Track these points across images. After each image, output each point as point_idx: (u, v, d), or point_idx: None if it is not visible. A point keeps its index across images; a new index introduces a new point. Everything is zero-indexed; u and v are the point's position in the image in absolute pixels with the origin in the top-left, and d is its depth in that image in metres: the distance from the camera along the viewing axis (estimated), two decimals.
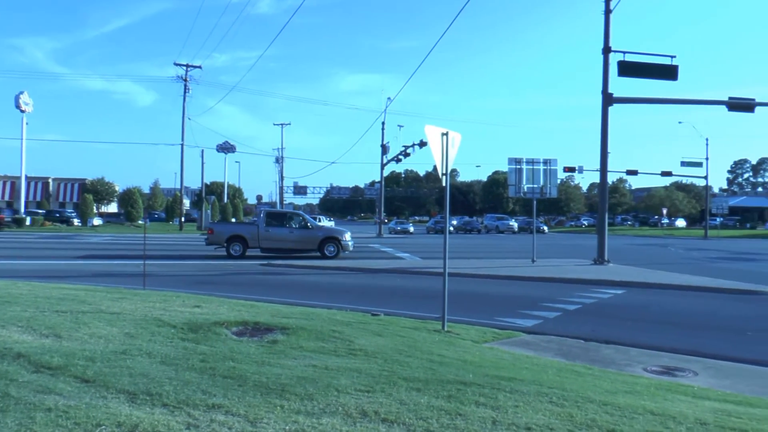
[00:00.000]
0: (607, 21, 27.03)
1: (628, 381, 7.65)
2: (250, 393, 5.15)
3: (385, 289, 18.13)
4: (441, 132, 11.02)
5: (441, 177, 11.17)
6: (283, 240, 28.51)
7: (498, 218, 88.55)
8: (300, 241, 28.65)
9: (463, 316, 12.59)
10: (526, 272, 22.42)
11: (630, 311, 14.86)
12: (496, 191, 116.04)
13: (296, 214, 30.80)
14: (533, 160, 27.29)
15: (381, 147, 61.25)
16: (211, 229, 29.67)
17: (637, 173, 78.26)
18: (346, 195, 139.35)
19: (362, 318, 11.29)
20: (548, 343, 10.69)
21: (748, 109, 28.95)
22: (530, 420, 4.77)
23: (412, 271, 23.29)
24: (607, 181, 29.30)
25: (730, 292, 18.60)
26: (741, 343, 11.27)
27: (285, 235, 28.55)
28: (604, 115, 27.07)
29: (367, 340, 8.57)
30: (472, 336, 10.48)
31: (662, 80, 26.81)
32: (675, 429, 4.85)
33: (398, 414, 4.71)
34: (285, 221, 29.26)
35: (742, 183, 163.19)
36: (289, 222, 29.24)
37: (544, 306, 14.71)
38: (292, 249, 28.67)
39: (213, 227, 30.34)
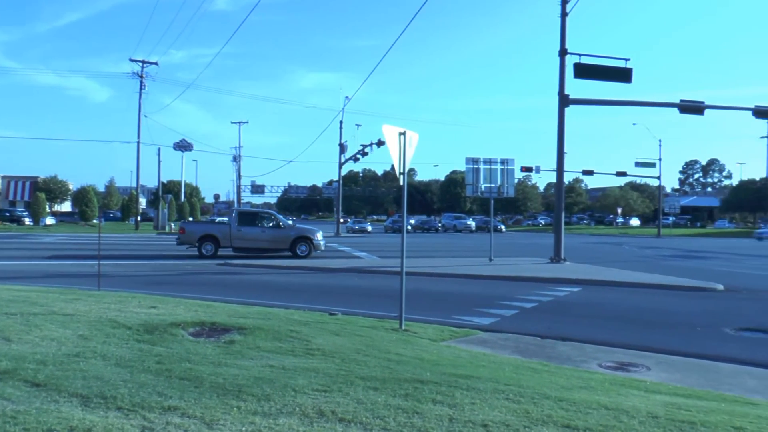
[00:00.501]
0: (563, 24, 27.38)
1: (583, 377, 7.76)
2: (207, 394, 5.10)
3: (343, 289, 18.12)
4: (398, 131, 11.05)
5: (398, 176, 11.21)
6: (256, 239, 28.39)
7: (456, 217, 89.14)
8: (272, 241, 28.57)
9: (421, 314, 12.63)
10: (483, 271, 22.60)
11: (585, 308, 15.08)
12: (454, 190, 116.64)
13: (269, 214, 30.68)
14: (490, 159, 27.52)
15: (339, 146, 61.25)
16: (183, 229, 29.50)
17: (593, 173, 79.52)
18: (303, 194, 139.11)
19: (320, 317, 11.26)
20: (505, 340, 10.79)
21: (698, 111, 29.68)
22: (487, 417, 4.81)
23: (370, 270, 23.30)
24: (563, 180, 29.70)
25: (681, 289, 19.01)
26: (691, 339, 11.52)
27: (257, 235, 28.43)
28: (561, 116, 27.43)
29: (325, 340, 8.55)
30: (429, 334, 10.53)
31: (617, 82, 27.26)
32: (628, 423, 4.94)
33: (355, 413, 4.72)
34: (257, 221, 29.14)
35: (692, 183, 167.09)
36: (261, 221, 29.13)
37: (501, 304, 14.84)
38: (264, 248, 28.57)
39: (185, 227, 30.22)
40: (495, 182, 27.37)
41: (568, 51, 27.16)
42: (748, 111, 31.34)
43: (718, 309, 15.23)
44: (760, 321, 13.36)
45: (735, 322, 13.13)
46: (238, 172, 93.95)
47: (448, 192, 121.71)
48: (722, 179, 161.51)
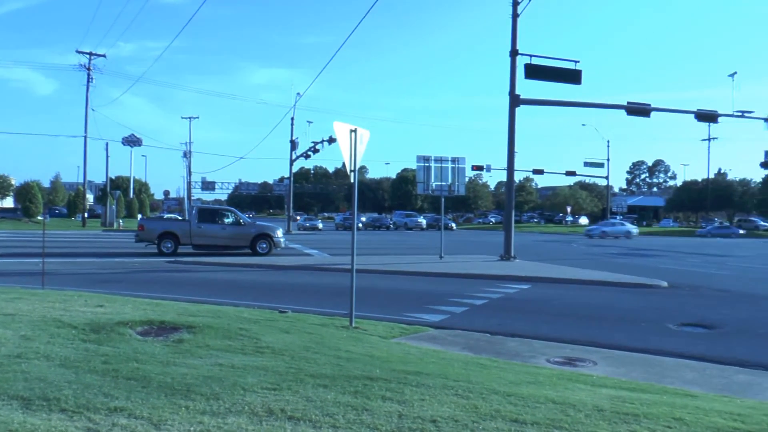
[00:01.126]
0: (514, 25, 27.67)
1: (531, 372, 7.88)
2: (155, 394, 5.04)
3: (293, 286, 18.04)
4: (349, 129, 11.06)
5: (349, 174, 11.23)
6: (216, 237, 28.14)
7: (407, 215, 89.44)
8: (233, 238, 28.35)
9: (372, 312, 12.67)
10: (434, 268, 22.74)
11: (534, 305, 15.30)
12: (405, 188, 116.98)
13: (229, 211, 30.37)
14: (441, 158, 27.68)
15: (290, 143, 60.89)
16: (142, 226, 29.03)
17: (543, 172, 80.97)
18: (254, 191, 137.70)
19: (270, 315, 11.21)
20: (455, 337, 10.89)
21: (645, 113, 30.62)
22: (436, 413, 4.86)
23: (321, 267, 23.25)
24: (513, 179, 30.06)
25: (627, 286, 19.42)
26: (636, 334, 11.79)
27: (217, 232, 28.18)
28: (511, 115, 27.74)
29: (275, 338, 8.52)
30: (379, 332, 10.57)
31: (567, 84, 27.72)
32: (575, 416, 5.04)
33: (305, 411, 4.72)
34: (218, 218, 28.88)
35: (639, 183, 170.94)
36: (221, 218, 28.87)
37: (451, 301, 14.96)
38: (224, 246, 28.31)
39: (144, 224, 29.75)
40: (446, 180, 27.54)
41: (519, 52, 27.48)
42: (692, 114, 32.27)
43: (661, 305, 15.58)
44: (700, 316, 13.74)
45: (677, 317, 13.47)
46: (189, 168, 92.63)
47: (400, 190, 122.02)
48: (667, 179, 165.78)
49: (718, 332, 12.12)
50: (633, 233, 62.76)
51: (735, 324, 12.95)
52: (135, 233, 29.57)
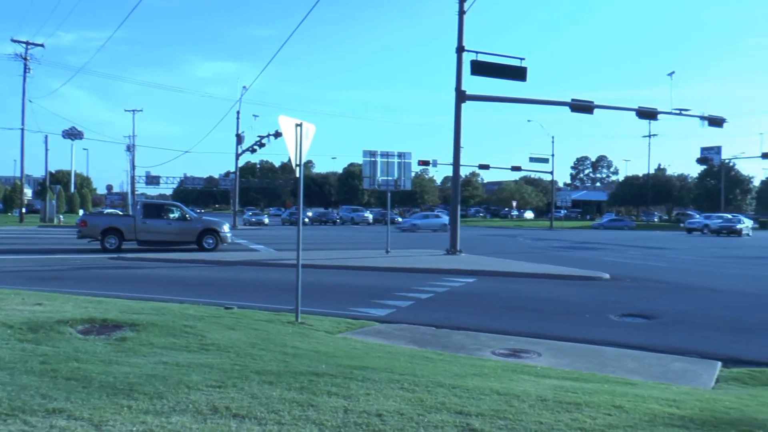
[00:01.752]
0: (460, 21, 27.81)
1: (477, 364, 7.97)
2: (96, 394, 4.94)
3: (239, 282, 17.89)
4: (295, 123, 11.00)
5: (295, 168, 11.16)
6: (162, 232, 27.67)
7: (353, 210, 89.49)
8: (179, 234, 27.94)
9: (318, 307, 12.65)
10: (380, 263, 22.79)
11: (480, 298, 15.46)
12: (352, 183, 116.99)
13: (175, 206, 29.81)
14: (388, 153, 27.73)
15: (236, 137, 60.12)
16: (85, 221, 28.30)
17: (488, 167, 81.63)
18: (200, 185, 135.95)
19: (215, 312, 11.10)
20: (401, 331, 10.94)
21: (588, 110, 31.31)
22: (381, 407, 4.88)
23: (267, 263, 23.10)
24: (459, 174, 30.26)
25: (571, 278, 19.78)
26: (579, 325, 12.03)
27: (163, 228, 27.70)
28: (458, 111, 27.90)
29: (220, 335, 8.45)
30: (326, 327, 10.55)
31: (513, 80, 28.01)
32: (519, 406, 5.12)
33: (250, 408, 4.69)
34: (163, 213, 28.34)
35: (583, 178, 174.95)
36: (167, 214, 28.35)
37: (397, 295, 15.02)
38: (170, 242, 27.87)
39: (87, 219, 29.02)
40: (392, 175, 27.60)
41: (465, 48, 27.62)
42: (633, 111, 33.02)
43: (604, 297, 15.92)
44: (641, 307, 14.08)
45: (619, 308, 13.78)
46: (132, 162, 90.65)
47: (346, 184, 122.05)
48: (610, 175, 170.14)
49: (657, 322, 12.44)
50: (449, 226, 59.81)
51: (673, 314, 13.31)
52: (77, 229, 28.86)
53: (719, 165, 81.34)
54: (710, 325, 12.38)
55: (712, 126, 35.65)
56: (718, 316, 13.36)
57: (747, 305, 14.92)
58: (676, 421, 4.96)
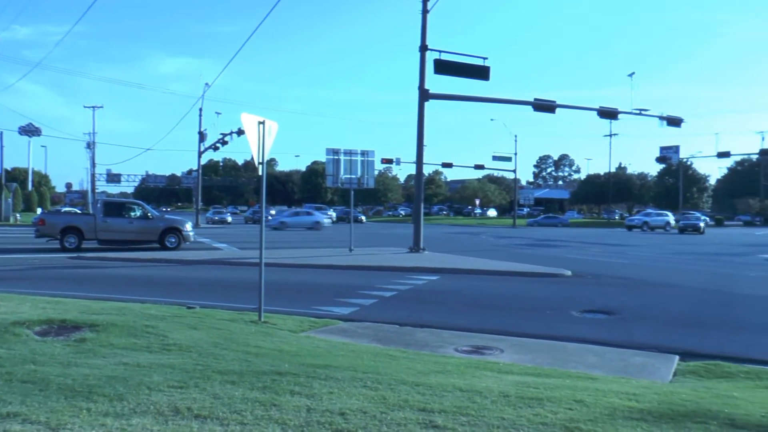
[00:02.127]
0: (424, 20, 27.89)
1: (440, 361, 8.01)
2: (53, 397, 4.84)
3: (202, 281, 17.75)
4: (258, 120, 10.93)
5: (257, 166, 11.09)
6: (123, 231, 27.28)
7: (317, 208, 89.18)
8: (140, 232, 27.55)
9: (281, 306, 12.59)
10: (343, 261, 22.77)
11: (443, 296, 15.53)
12: (315, 181, 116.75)
13: (136, 204, 29.38)
14: (351, 151, 27.70)
15: (198, 134, 59.60)
16: (43, 220, 27.85)
17: (452, 166, 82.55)
18: (162, 183, 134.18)
19: (177, 311, 10.98)
20: (364, 329, 10.93)
21: (551, 110, 31.66)
22: (344, 405, 4.88)
23: (230, 261, 22.94)
24: (423, 172, 30.40)
25: (533, 275, 19.97)
26: (541, 321, 12.16)
27: (124, 226, 27.31)
28: (421, 109, 28.00)
29: (182, 334, 8.37)
30: (289, 326, 10.50)
31: (476, 80, 28.16)
32: (481, 403, 5.16)
33: (212, 409, 4.65)
34: (124, 211, 27.93)
35: (545, 177, 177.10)
36: (128, 212, 27.93)
37: (361, 294, 15.01)
38: (132, 240, 27.53)
39: (45, 218, 28.61)
40: (355, 173, 27.59)
41: (428, 47, 27.70)
42: (594, 111, 33.46)
43: (565, 293, 16.10)
44: (601, 303, 14.26)
45: (580, 305, 13.94)
46: (93, 160, 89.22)
47: (310, 182, 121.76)
48: (572, 173, 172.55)
49: (617, 318, 12.63)
50: (323, 223, 55.91)
51: (633, 310, 13.52)
52: (35, 228, 28.35)
53: (677, 164, 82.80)
54: (668, 320, 12.61)
55: (670, 126, 36.30)
56: (676, 312, 13.60)
57: (703, 301, 15.20)
58: (635, 415, 5.05)
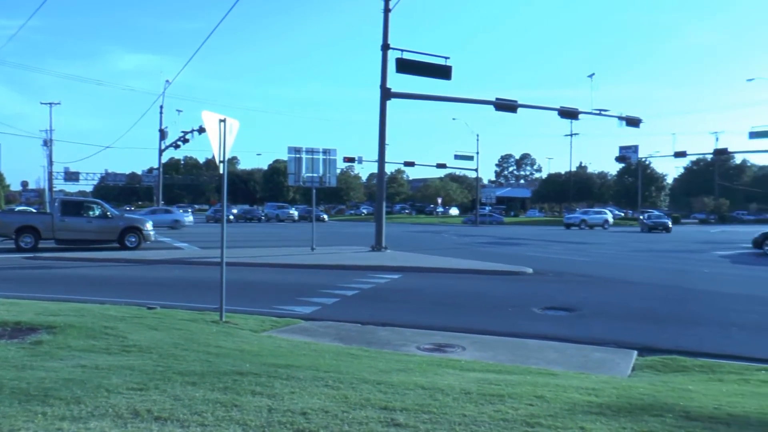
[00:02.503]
0: (386, 19, 27.92)
1: (402, 360, 8.03)
2: (7, 402, 4.71)
3: (162, 281, 17.55)
4: (219, 118, 10.84)
5: (219, 164, 11.00)
6: (81, 230, 26.77)
7: (279, 207, 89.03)
8: (99, 232, 27.13)
9: (243, 305, 12.51)
10: (305, 260, 22.70)
11: (406, 294, 15.57)
12: (277, 180, 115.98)
13: (95, 203, 28.89)
14: (313, 149, 27.60)
15: (159, 132, 58.77)
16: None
17: (414, 165, 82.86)
18: (122, 182, 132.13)
19: (137, 312, 10.85)
20: (326, 328, 10.91)
21: (512, 109, 31.94)
22: (306, 405, 4.86)
23: (191, 261, 22.74)
24: (385, 171, 30.43)
25: (495, 273, 20.12)
26: (503, 319, 12.27)
27: (83, 226, 26.81)
28: (383, 108, 28.04)
29: (142, 335, 8.27)
30: (250, 325, 10.45)
31: (438, 79, 28.25)
32: (443, 400, 5.19)
33: (172, 410, 4.59)
34: (83, 210, 27.45)
35: (507, 175, 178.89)
36: (87, 211, 27.46)
37: (323, 293, 14.97)
38: (91, 240, 27.06)
39: (0, 217, 27.78)
40: (317, 172, 27.50)
41: (390, 46, 27.74)
42: (555, 111, 33.83)
43: (527, 291, 16.25)
44: (562, 300, 14.43)
45: (541, 302, 14.09)
46: (50, 158, 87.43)
47: (272, 181, 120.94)
48: (533, 172, 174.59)
49: (578, 314, 12.79)
50: (183, 222, 52.86)
51: (593, 306, 13.71)
52: None
53: (636, 163, 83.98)
54: (627, 316, 12.82)
55: (629, 126, 36.90)
56: (634, 308, 13.82)
57: (661, 297, 15.46)
58: (594, 409, 5.13)
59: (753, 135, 54.97)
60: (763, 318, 12.68)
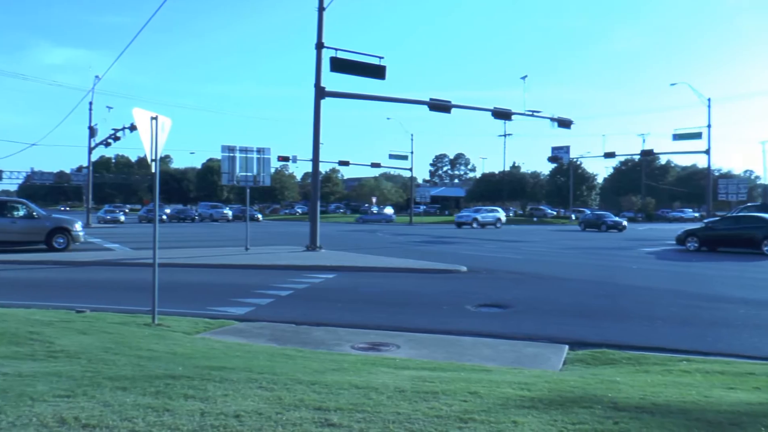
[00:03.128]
0: (320, 17, 27.83)
1: (336, 359, 8.02)
2: None
3: (93, 283, 17.12)
4: (150, 116, 10.65)
5: (150, 163, 10.81)
6: (5, 231, 25.67)
7: (212, 206, 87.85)
8: (25, 233, 26.10)
9: (176, 307, 12.32)
10: (240, 260, 22.48)
11: (340, 294, 15.55)
12: (211, 179, 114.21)
13: (20, 203, 27.77)
14: (247, 148, 27.36)
15: (89, 129, 57.26)
16: None
17: (349, 164, 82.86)
18: (50, 181, 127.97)
19: (66, 316, 10.57)
20: (261, 329, 10.83)
21: (446, 110, 32.27)
22: (239, 407, 4.81)
23: (123, 262, 22.26)
24: (319, 170, 30.36)
25: (430, 272, 20.28)
26: (438, 317, 12.38)
27: (7, 227, 25.71)
28: (317, 107, 27.96)
29: (71, 340, 8.05)
30: (184, 327, 10.30)
31: (372, 78, 28.29)
32: (377, 399, 5.20)
33: (101, 417, 4.47)
34: (6, 211, 26.31)
35: (441, 175, 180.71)
36: (11, 211, 26.33)
37: (257, 293, 14.86)
38: (15, 241, 26.04)
39: None
40: (251, 171, 27.26)
41: (324, 45, 27.67)
42: (489, 111, 34.31)
43: (461, 289, 16.43)
44: (496, 297, 14.66)
45: (475, 299, 14.28)
46: None
47: (206, 180, 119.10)
48: (467, 172, 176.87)
49: (511, 311, 13.01)
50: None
51: (526, 303, 13.96)
52: None
53: (568, 163, 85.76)
54: (559, 311, 13.10)
55: (561, 127, 37.80)
56: (565, 303, 14.13)
57: (591, 292, 15.85)
58: (527, 403, 5.22)
59: (676, 137, 57.02)
60: (685, 311, 13.14)
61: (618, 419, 4.75)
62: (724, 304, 13.96)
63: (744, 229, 29.43)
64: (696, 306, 13.76)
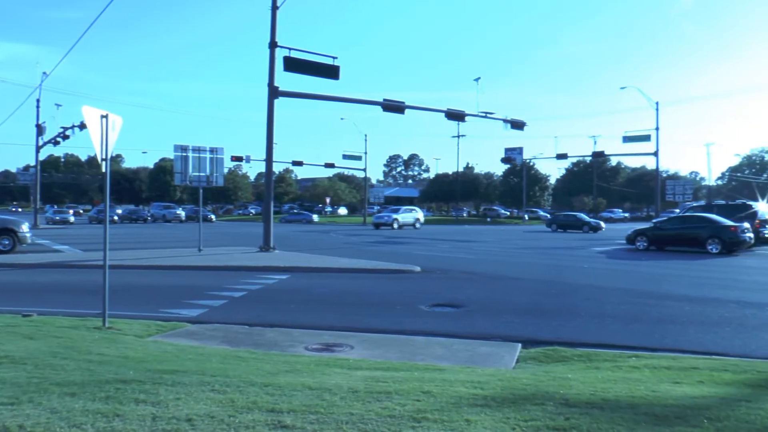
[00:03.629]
0: (273, 17, 27.68)
1: (290, 361, 8.00)
2: None
3: (40, 286, 16.74)
4: (101, 114, 10.47)
5: (101, 163, 10.62)
6: None
7: (165, 207, 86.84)
8: None
9: (127, 310, 12.14)
10: (192, 261, 22.25)
11: (294, 295, 15.49)
12: (164, 179, 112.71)
13: None
14: (200, 148, 27.06)
15: (36, 127, 56.01)
16: None
17: (302, 164, 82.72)
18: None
19: (11, 320, 10.33)
20: (213, 331, 10.74)
21: (400, 110, 32.41)
22: (191, 411, 4.76)
23: (72, 264, 21.81)
24: (272, 170, 30.19)
25: (383, 272, 20.32)
26: (392, 317, 12.42)
27: None
28: (270, 107, 27.81)
29: (16, 345, 7.86)
30: (135, 330, 10.15)
31: (326, 78, 28.22)
32: (330, 400, 5.20)
33: (48, 425, 4.37)
34: None
35: (396, 175, 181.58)
36: None
37: (210, 295, 14.73)
38: None
39: None
40: (204, 171, 26.97)
41: (278, 44, 27.53)
42: (442, 113, 34.55)
43: (415, 289, 16.51)
44: (449, 297, 14.76)
45: (429, 299, 14.36)
46: None
47: (158, 180, 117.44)
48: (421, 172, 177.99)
49: (464, 311, 13.11)
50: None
51: (479, 302, 14.08)
52: None
53: (521, 164, 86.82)
54: (512, 310, 13.24)
55: (514, 129, 38.27)
56: (518, 302, 14.30)
57: (543, 291, 16.07)
58: (480, 401, 5.28)
59: (626, 139, 58.07)
60: (634, 309, 13.41)
61: (569, 415, 4.84)
62: (671, 301, 14.30)
63: (690, 228, 30.23)
64: (644, 303, 14.05)
